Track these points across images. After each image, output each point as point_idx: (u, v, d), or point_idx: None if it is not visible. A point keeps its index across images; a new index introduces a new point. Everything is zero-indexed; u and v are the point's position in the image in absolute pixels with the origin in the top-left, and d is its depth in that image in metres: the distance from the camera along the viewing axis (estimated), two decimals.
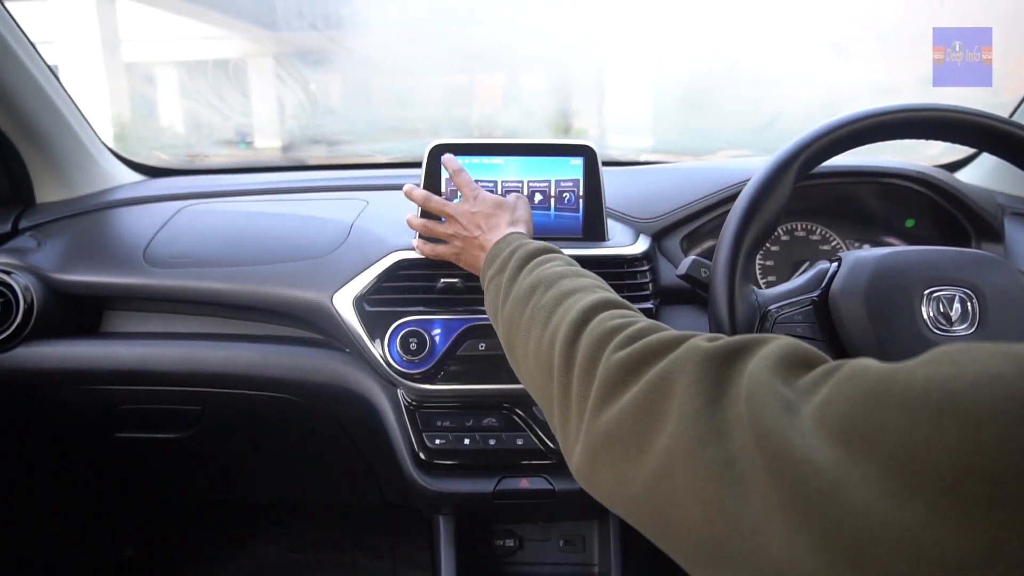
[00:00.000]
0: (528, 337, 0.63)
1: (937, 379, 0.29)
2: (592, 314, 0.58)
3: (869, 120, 0.75)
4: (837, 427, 0.32)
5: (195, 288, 1.09)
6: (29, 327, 1.08)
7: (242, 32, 2.86)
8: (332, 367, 1.07)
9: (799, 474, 0.32)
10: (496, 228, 0.85)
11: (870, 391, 0.32)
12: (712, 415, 0.40)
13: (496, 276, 0.75)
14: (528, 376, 0.64)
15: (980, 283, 0.72)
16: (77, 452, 1.34)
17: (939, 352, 0.31)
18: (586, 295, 0.62)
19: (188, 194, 1.29)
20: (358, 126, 2.27)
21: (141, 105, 2.79)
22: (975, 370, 0.28)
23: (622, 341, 0.52)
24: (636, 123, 2.47)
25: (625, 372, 0.49)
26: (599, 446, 0.48)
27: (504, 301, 0.70)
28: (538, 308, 0.64)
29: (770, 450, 0.35)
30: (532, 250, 0.74)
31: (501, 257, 0.76)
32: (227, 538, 1.68)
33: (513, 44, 2.40)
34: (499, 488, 1.03)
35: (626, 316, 0.57)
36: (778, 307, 0.76)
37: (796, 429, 0.34)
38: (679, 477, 0.40)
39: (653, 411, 0.44)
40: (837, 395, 0.34)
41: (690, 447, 0.40)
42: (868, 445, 0.30)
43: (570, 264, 0.71)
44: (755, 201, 0.75)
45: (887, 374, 0.32)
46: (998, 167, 1.25)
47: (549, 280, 0.66)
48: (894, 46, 1.74)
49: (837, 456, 0.31)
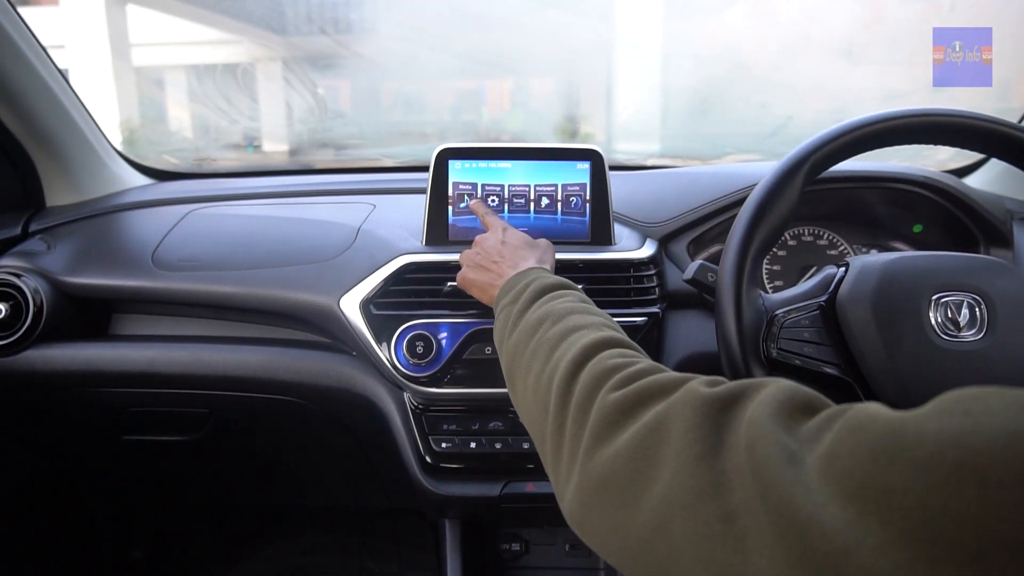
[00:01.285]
0: (529, 370, 0.62)
1: (951, 434, 0.28)
2: (594, 352, 0.57)
3: (877, 125, 0.75)
4: (846, 483, 0.30)
5: (203, 291, 1.10)
6: (39, 330, 1.09)
7: (252, 36, 2.87)
8: (339, 370, 1.07)
9: (807, 536, 0.31)
10: (525, 259, 0.82)
11: (879, 444, 0.30)
12: (711, 465, 0.39)
13: (508, 306, 0.73)
14: (525, 410, 0.62)
15: (988, 289, 0.72)
16: (85, 454, 1.34)
17: (951, 400, 0.30)
18: (591, 332, 0.60)
19: (197, 198, 1.29)
20: (366, 130, 2.28)
21: (150, 109, 2.81)
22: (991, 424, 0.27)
23: (619, 381, 0.51)
24: (643, 128, 2.47)
25: (620, 413, 0.48)
26: (592, 490, 0.47)
27: (512, 331, 0.69)
28: (542, 342, 0.62)
29: (775, 507, 0.33)
30: (548, 284, 0.72)
31: (517, 288, 0.74)
32: (234, 541, 1.69)
33: (521, 49, 2.40)
34: (505, 492, 1.03)
35: (627, 356, 0.56)
36: (785, 312, 0.76)
37: (802, 483, 0.32)
38: (677, 531, 0.39)
39: (648, 457, 0.43)
40: (843, 447, 0.32)
41: (688, 499, 0.38)
42: (880, 507, 0.28)
43: (583, 301, 0.70)
44: (763, 206, 0.75)
45: (896, 425, 0.30)
46: (1007, 172, 1.24)
47: (557, 315, 0.65)
48: (903, 51, 1.73)
49: (847, 516, 0.29)
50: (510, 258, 0.82)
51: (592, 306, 0.70)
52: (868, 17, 1.81)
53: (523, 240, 0.86)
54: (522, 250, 0.84)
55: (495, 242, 0.86)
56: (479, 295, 0.85)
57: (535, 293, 0.71)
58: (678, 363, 1.05)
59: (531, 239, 0.88)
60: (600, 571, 1.21)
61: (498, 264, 0.82)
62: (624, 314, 1.01)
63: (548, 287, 0.72)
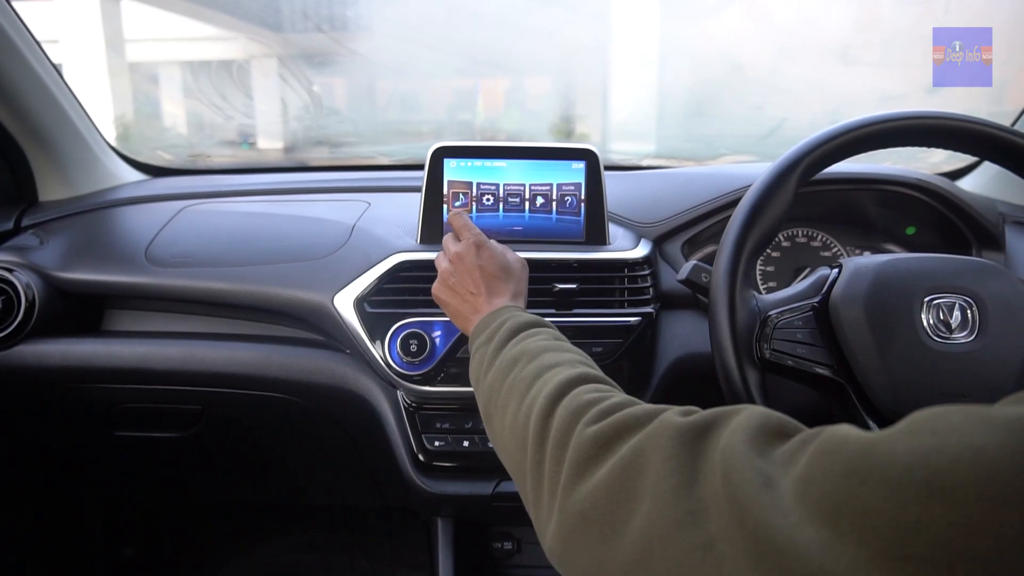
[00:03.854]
0: (506, 409, 0.62)
1: (918, 452, 0.28)
2: (569, 388, 0.57)
3: (872, 127, 0.76)
4: (821, 505, 0.31)
5: (197, 288, 1.09)
6: (30, 325, 1.09)
7: (247, 33, 2.87)
8: (332, 368, 1.07)
9: (783, 558, 0.31)
10: (499, 296, 0.80)
11: (851, 466, 0.31)
12: (688, 494, 0.39)
13: (483, 345, 0.72)
14: (503, 448, 0.62)
15: (980, 291, 0.72)
16: (77, 450, 1.34)
17: (919, 420, 0.31)
18: (566, 369, 0.60)
19: (191, 194, 1.29)
20: (361, 128, 2.28)
21: (145, 105, 2.80)
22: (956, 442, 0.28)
23: (595, 415, 0.51)
24: (639, 128, 2.47)
25: (598, 447, 0.48)
26: (572, 526, 0.46)
27: (487, 370, 0.69)
28: (518, 380, 0.62)
29: (751, 531, 0.33)
30: (522, 323, 0.72)
31: (491, 327, 0.73)
32: (226, 539, 1.68)
33: (517, 48, 2.40)
34: (497, 490, 1.03)
35: (602, 390, 0.56)
36: (778, 313, 0.76)
37: (777, 507, 0.33)
38: (657, 563, 0.39)
39: (627, 489, 0.43)
40: (817, 469, 0.32)
41: (667, 530, 0.38)
42: (854, 526, 0.29)
43: (557, 338, 0.70)
44: (757, 207, 0.75)
45: (868, 446, 0.31)
46: (999, 176, 1.25)
47: (532, 353, 0.65)
48: (898, 54, 1.74)
49: (822, 538, 0.30)
50: (486, 290, 0.80)
51: (566, 343, 0.70)
52: (863, 19, 1.82)
53: (499, 267, 0.82)
54: (498, 281, 0.81)
55: (471, 265, 0.82)
56: (452, 318, 0.84)
57: (509, 332, 0.71)
58: (671, 364, 1.05)
59: (507, 263, 0.84)
60: None
61: (474, 296, 0.80)
62: (618, 314, 1.01)
63: (522, 325, 0.72)
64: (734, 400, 0.71)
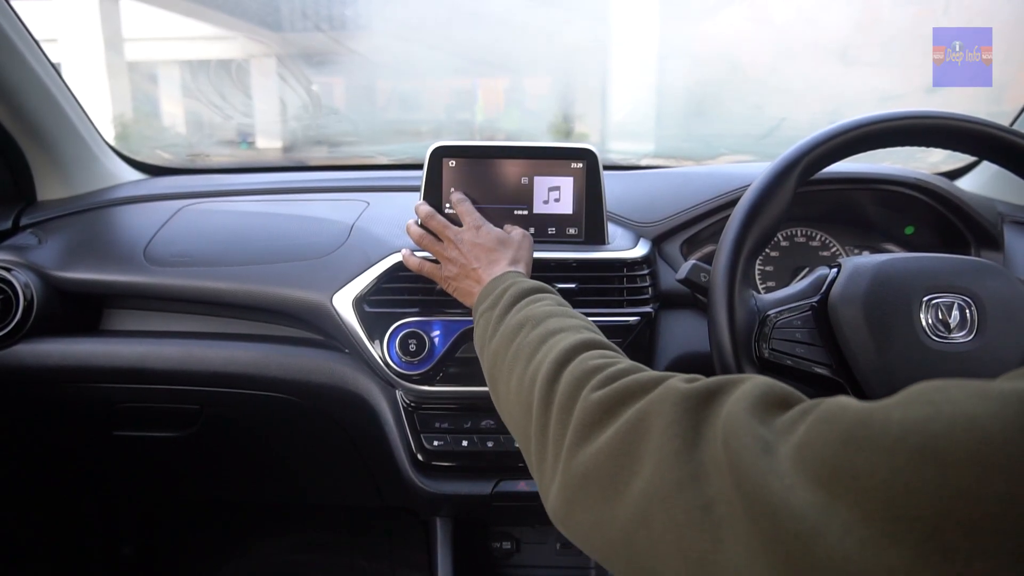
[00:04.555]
0: (511, 374, 0.63)
1: (914, 420, 0.29)
2: (574, 353, 0.58)
3: (870, 127, 0.76)
4: (816, 469, 0.32)
5: (195, 287, 1.09)
6: (29, 324, 1.09)
7: (246, 32, 2.86)
8: (331, 368, 1.07)
9: (777, 518, 0.32)
10: (496, 263, 0.83)
11: (848, 433, 0.31)
12: (689, 458, 0.40)
13: (487, 311, 0.74)
14: (508, 413, 0.63)
15: (979, 291, 0.72)
16: (76, 449, 1.34)
17: (916, 391, 0.32)
18: (571, 335, 0.61)
19: (189, 193, 1.29)
20: (360, 127, 2.27)
21: (144, 104, 2.79)
22: (951, 411, 0.29)
23: (601, 381, 0.52)
24: (638, 128, 2.47)
25: (603, 412, 0.48)
26: (575, 487, 0.48)
27: (492, 336, 0.70)
28: (523, 345, 0.63)
29: (748, 493, 0.34)
30: (526, 288, 0.73)
31: (495, 293, 0.75)
32: (225, 538, 1.68)
33: (517, 48, 2.40)
34: (497, 490, 1.03)
35: (608, 356, 0.57)
36: (777, 312, 0.76)
37: (774, 471, 0.34)
38: (657, 523, 0.40)
39: (630, 452, 0.44)
40: (815, 436, 0.33)
41: (668, 491, 0.39)
42: (848, 489, 0.30)
43: (561, 304, 0.71)
44: (756, 206, 0.75)
45: (865, 415, 0.32)
46: (998, 175, 1.25)
47: (537, 318, 0.66)
48: (897, 54, 1.74)
49: (817, 499, 0.31)
50: (486, 260, 0.84)
51: (570, 308, 0.71)
52: (862, 19, 1.82)
53: (495, 240, 0.87)
54: (495, 252, 0.85)
55: (470, 244, 0.87)
56: (463, 300, 0.87)
57: (513, 297, 0.72)
58: (670, 363, 1.05)
59: (504, 236, 0.89)
60: (591, 570, 1.21)
61: (476, 271, 0.84)
62: (617, 314, 1.01)
63: (526, 291, 0.73)
64: None
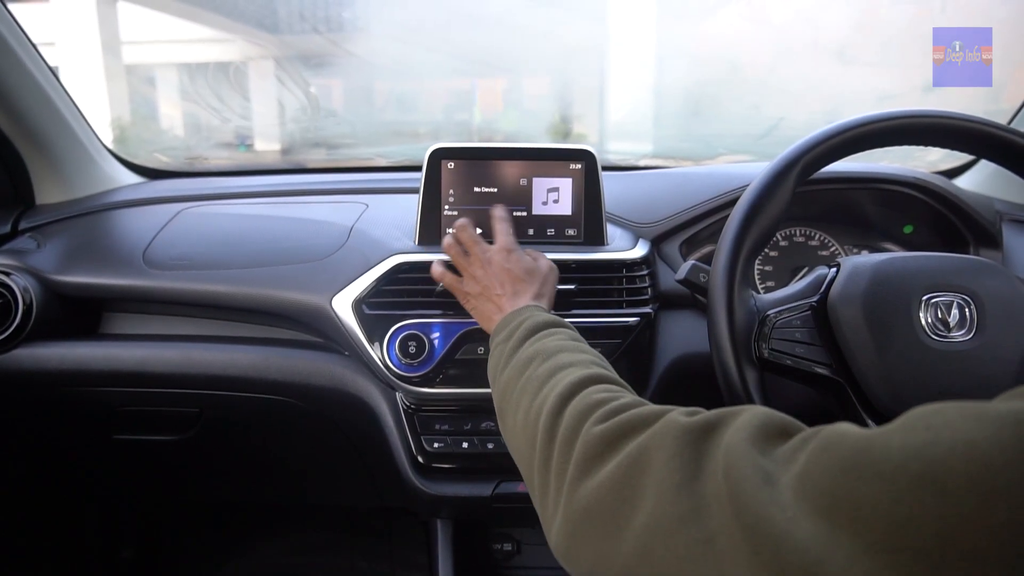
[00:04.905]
0: (518, 406, 0.63)
1: (913, 446, 0.29)
2: (580, 388, 0.58)
3: (869, 126, 0.76)
4: (817, 499, 0.32)
5: (194, 290, 1.09)
6: (28, 328, 1.08)
7: (243, 35, 2.86)
8: (331, 370, 1.07)
9: (781, 551, 0.32)
10: (520, 295, 0.82)
11: (849, 461, 0.31)
12: (691, 491, 0.40)
13: (502, 343, 0.74)
14: (515, 446, 0.64)
15: (978, 289, 0.72)
16: (75, 453, 1.34)
17: (914, 416, 0.31)
18: (579, 370, 0.61)
19: (188, 196, 1.29)
20: (359, 129, 2.28)
21: (142, 107, 2.80)
22: (950, 436, 0.28)
23: (603, 415, 0.52)
24: (636, 128, 2.47)
25: (604, 446, 0.49)
26: (577, 521, 0.47)
27: (503, 368, 0.70)
28: (531, 379, 0.64)
29: (749, 525, 0.34)
30: (541, 322, 0.74)
31: (511, 326, 0.75)
32: (225, 540, 1.68)
33: (514, 49, 2.40)
34: (497, 492, 1.03)
35: (612, 391, 0.57)
36: (777, 312, 0.76)
37: (776, 503, 0.33)
38: (659, 557, 0.40)
39: (631, 486, 0.44)
40: (816, 465, 0.33)
41: (669, 525, 0.39)
42: (850, 519, 0.30)
43: (575, 339, 0.71)
44: (755, 206, 0.75)
45: (865, 442, 0.32)
46: (996, 174, 1.25)
47: (547, 352, 0.67)
48: (895, 53, 1.74)
49: (819, 530, 0.31)
50: (511, 291, 0.83)
51: (583, 343, 0.71)
52: (860, 19, 1.82)
53: (525, 269, 0.86)
54: (522, 283, 0.84)
55: (499, 268, 0.85)
56: (479, 322, 0.87)
57: (528, 331, 0.72)
58: (670, 364, 1.05)
59: (534, 266, 0.87)
60: None
61: (499, 297, 0.83)
62: (616, 314, 1.01)
63: (541, 324, 0.73)
64: (733, 399, 0.71)
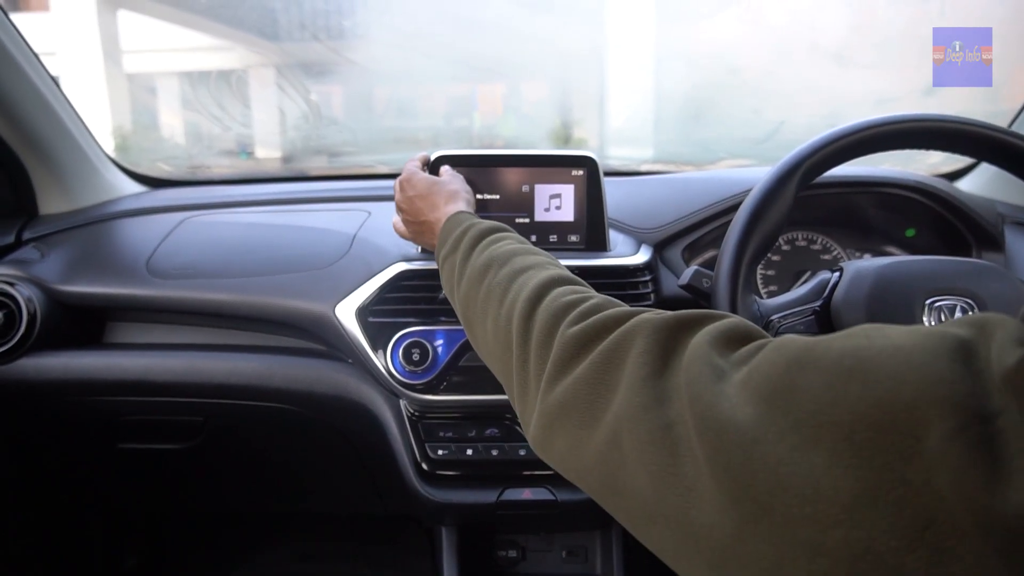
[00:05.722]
0: (486, 315, 0.65)
1: (850, 347, 0.33)
2: (546, 290, 0.60)
3: (870, 131, 0.76)
4: (760, 389, 0.35)
5: (198, 299, 1.09)
6: (32, 338, 1.09)
7: (244, 43, 2.87)
8: (335, 378, 1.07)
9: (724, 433, 0.35)
10: (435, 208, 0.86)
11: (793, 357, 0.35)
12: (656, 383, 0.43)
13: (450, 255, 0.76)
14: (488, 352, 0.66)
15: (981, 292, 0.72)
16: (80, 462, 1.34)
17: (858, 328, 0.35)
18: (539, 271, 0.63)
19: (191, 205, 1.29)
20: (360, 137, 2.28)
21: (143, 116, 2.80)
22: (883, 342, 0.32)
23: (576, 316, 0.54)
24: (637, 133, 2.47)
25: (579, 346, 0.51)
26: (554, 415, 0.50)
27: (459, 280, 0.72)
28: (493, 286, 0.65)
29: (699, 412, 0.37)
30: (483, 229, 0.75)
31: (453, 236, 0.77)
32: (229, 549, 1.68)
33: (514, 55, 2.40)
34: (502, 499, 1.03)
35: (579, 292, 0.60)
36: (780, 317, 0.76)
37: (724, 394, 0.37)
38: (626, 442, 0.42)
39: (604, 381, 0.47)
40: (763, 362, 0.37)
41: (635, 413, 0.42)
42: (786, 402, 0.33)
43: (521, 242, 0.73)
44: (757, 211, 0.75)
45: (811, 343, 0.35)
46: (998, 176, 1.25)
47: (502, 258, 0.68)
48: (894, 56, 1.74)
49: (758, 413, 0.34)
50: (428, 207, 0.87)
51: (530, 245, 0.72)
52: (860, 22, 1.82)
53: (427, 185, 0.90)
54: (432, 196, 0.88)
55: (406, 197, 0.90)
56: (423, 244, 0.93)
57: (473, 239, 0.74)
58: None
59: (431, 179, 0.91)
60: None
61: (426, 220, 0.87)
62: None
63: (484, 231, 0.75)
64: None
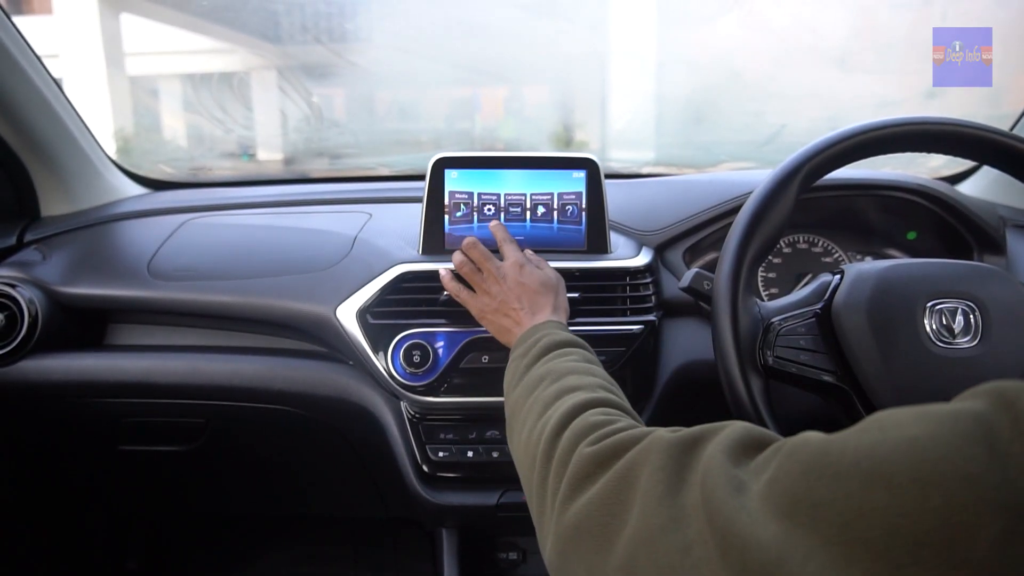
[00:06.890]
0: (524, 425, 0.65)
1: (865, 446, 0.31)
2: (581, 411, 0.59)
3: (871, 133, 0.76)
4: (780, 502, 0.33)
5: (199, 301, 1.09)
6: (34, 340, 1.09)
7: (246, 45, 2.88)
8: (336, 380, 1.07)
9: (746, 552, 0.33)
10: (541, 311, 0.83)
11: (809, 464, 0.33)
12: (672, 503, 0.41)
13: (519, 359, 0.76)
14: (519, 463, 0.66)
15: (983, 295, 0.72)
16: (81, 464, 1.34)
17: (872, 419, 0.33)
18: (584, 393, 0.63)
19: (192, 207, 1.29)
20: (361, 139, 2.28)
21: (145, 118, 2.81)
22: (896, 435, 0.30)
23: (597, 437, 0.54)
24: (638, 136, 2.47)
25: (595, 465, 0.50)
26: (568, 538, 0.49)
27: (516, 385, 0.72)
28: (539, 399, 0.65)
29: (719, 529, 0.36)
30: (556, 341, 0.75)
31: (529, 342, 0.77)
32: (230, 551, 1.68)
33: (516, 58, 2.41)
34: (502, 501, 1.03)
35: (610, 414, 0.59)
36: (781, 319, 0.76)
37: (744, 508, 0.35)
38: (643, 567, 0.41)
39: (620, 501, 0.46)
40: (781, 471, 0.35)
41: (652, 535, 0.41)
42: (809, 518, 0.31)
43: (587, 360, 0.72)
44: (758, 213, 0.75)
45: (824, 446, 0.33)
46: (999, 179, 1.25)
47: (557, 373, 0.68)
48: (896, 60, 1.74)
49: (780, 530, 0.32)
50: (529, 305, 0.84)
51: (594, 365, 0.72)
52: (861, 26, 1.82)
53: (540, 282, 0.87)
54: (539, 296, 0.85)
55: (514, 283, 0.86)
56: (498, 336, 0.88)
57: (543, 349, 0.74)
58: (674, 371, 1.05)
59: (546, 277, 0.88)
60: None
61: (516, 311, 0.84)
62: (620, 322, 1.01)
63: (556, 344, 0.74)
64: (738, 407, 0.71)
